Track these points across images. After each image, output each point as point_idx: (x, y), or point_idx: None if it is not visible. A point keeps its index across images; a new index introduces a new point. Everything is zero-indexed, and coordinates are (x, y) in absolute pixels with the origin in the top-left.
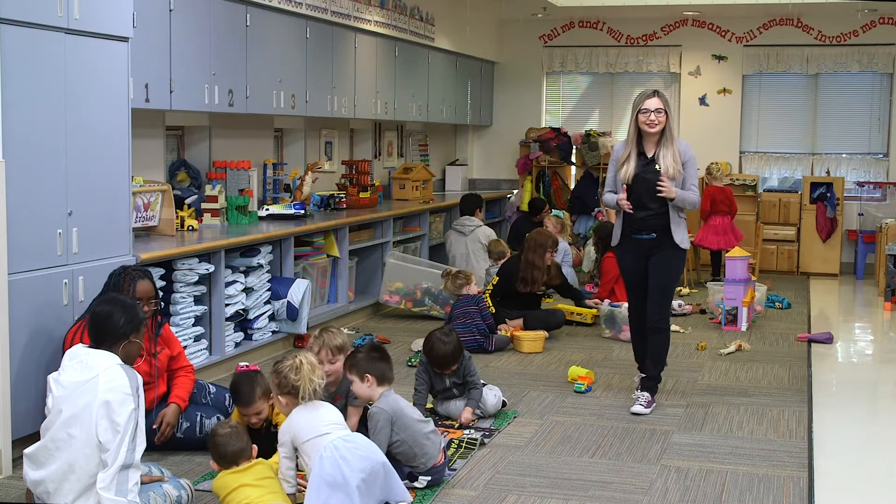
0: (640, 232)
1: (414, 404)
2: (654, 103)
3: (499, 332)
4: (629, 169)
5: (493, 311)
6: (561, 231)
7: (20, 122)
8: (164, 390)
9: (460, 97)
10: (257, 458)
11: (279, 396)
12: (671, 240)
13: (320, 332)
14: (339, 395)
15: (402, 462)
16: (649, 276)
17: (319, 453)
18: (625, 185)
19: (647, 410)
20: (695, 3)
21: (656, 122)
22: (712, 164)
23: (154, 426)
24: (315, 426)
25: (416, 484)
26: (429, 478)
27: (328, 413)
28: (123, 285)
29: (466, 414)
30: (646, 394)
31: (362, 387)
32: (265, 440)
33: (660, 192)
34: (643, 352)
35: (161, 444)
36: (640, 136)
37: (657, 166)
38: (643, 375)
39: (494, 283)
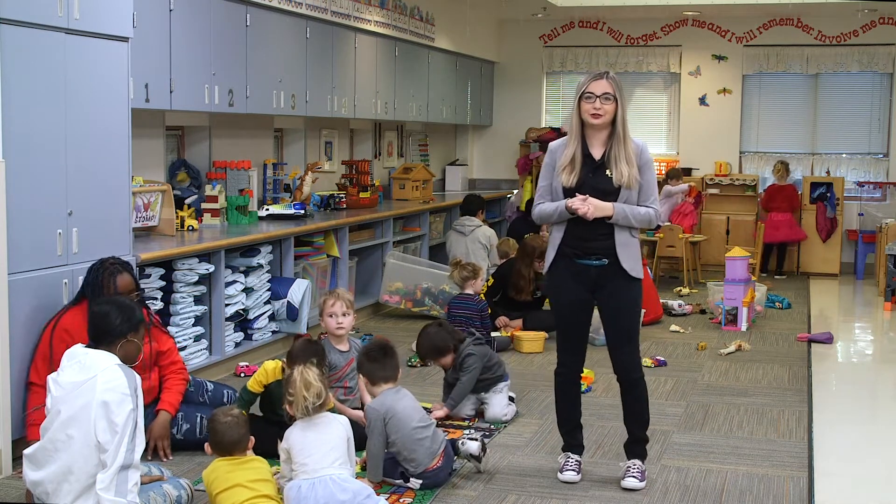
0: (586, 256)
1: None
2: (600, 86)
3: (498, 329)
4: (573, 174)
5: (490, 312)
6: None
7: (20, 122)
8: (154, 384)
9: (460, 97)
10: (254, 449)
11: (286, 405)
12: (623, 268)
13: (333, 291)
14: (351, 358)
15: (398, 460)
16: (606, 319)
17: (299, 483)
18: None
19: (642, 484)
20: (695, 3)
21: (602, 112)
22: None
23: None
24: (309, 451)
25: (409, 484)
26: (420, 481)
27: (326, 436)
28: (103, 280)
29: (437, 412)
30: (638, 462)
31: (362, 387)
32: (266, 433)
33: (574, 211)
34: (574, 421)
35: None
36: (584, 131)
37: (607, 172)
38: (628, 439)
39: (490, 284)
